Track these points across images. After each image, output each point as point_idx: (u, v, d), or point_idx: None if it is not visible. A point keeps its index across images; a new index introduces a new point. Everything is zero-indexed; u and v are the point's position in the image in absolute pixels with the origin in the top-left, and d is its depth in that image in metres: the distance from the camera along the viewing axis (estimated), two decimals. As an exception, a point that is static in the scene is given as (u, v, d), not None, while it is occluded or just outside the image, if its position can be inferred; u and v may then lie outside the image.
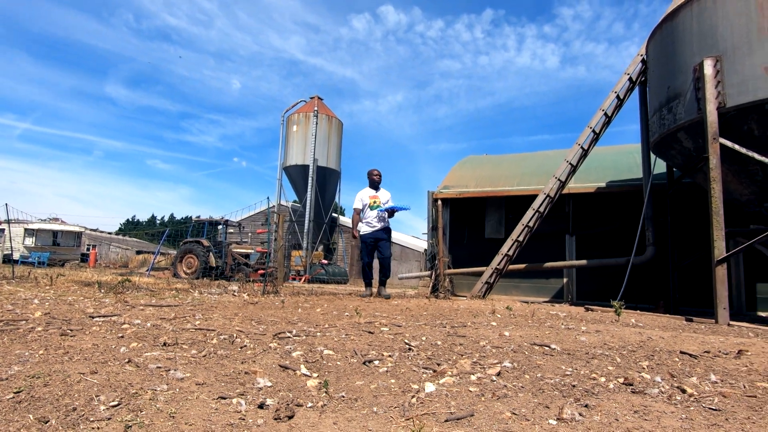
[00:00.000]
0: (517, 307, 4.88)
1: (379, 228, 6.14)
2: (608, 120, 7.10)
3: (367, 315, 3.40)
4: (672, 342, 2.44)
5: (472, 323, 3.02)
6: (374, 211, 6.17)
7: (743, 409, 1.28)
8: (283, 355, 1.88)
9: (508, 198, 9.05)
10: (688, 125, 5.19)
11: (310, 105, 23.52)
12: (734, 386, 1.59)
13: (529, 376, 1.65)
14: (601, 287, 8.25)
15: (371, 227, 6.13)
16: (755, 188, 5.14)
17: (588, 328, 2.90)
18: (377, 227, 6.15)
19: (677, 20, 5.40)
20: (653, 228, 6.90)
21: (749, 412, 1.25)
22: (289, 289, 7.11)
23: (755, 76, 4.57)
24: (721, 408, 1.27)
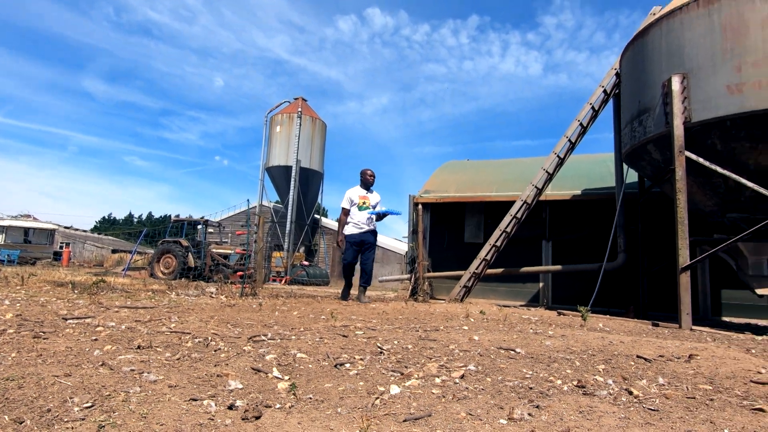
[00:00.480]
0: (491, 311, 5.01)
1: (366, 230, 5.92)
2: (584, 130, 7.33)
3: (343, 318, 3.46)
4: (631, 347, 2.57)
5: (445, 327, 3.12)
6: (363, 212, 5.94)
7: (680, 410, 1.40)
8: (256, 358, 1.94)
9: (487, 203, 9.22)
10: (656, 138, 5.42)
11: (293, 106, 23.46)
12: (678, 388, 1.72)
13: (491, 378, 1.74)
14: (575, 292, 8.48)
15: (359, 229, 5.90)
16: (718, 200, 5.39)
17: (555, 333, 3.03)
18: (365, 229, 5.92)
19: (648, 38, 5.63)
20: (624, 235, 7.15)
21: (684, 413, 1.36)
22: (268, 291, 7.11)
23: (718, 94, 4.81)
24: (659, 408, 1.39)
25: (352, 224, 5.88)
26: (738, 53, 4.73)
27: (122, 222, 69.52)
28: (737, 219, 5.37)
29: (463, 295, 7.56)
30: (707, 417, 1.32)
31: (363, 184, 6.13)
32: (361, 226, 5.90)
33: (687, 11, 5.15)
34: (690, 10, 5.12)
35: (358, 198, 5.99)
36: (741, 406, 1.48)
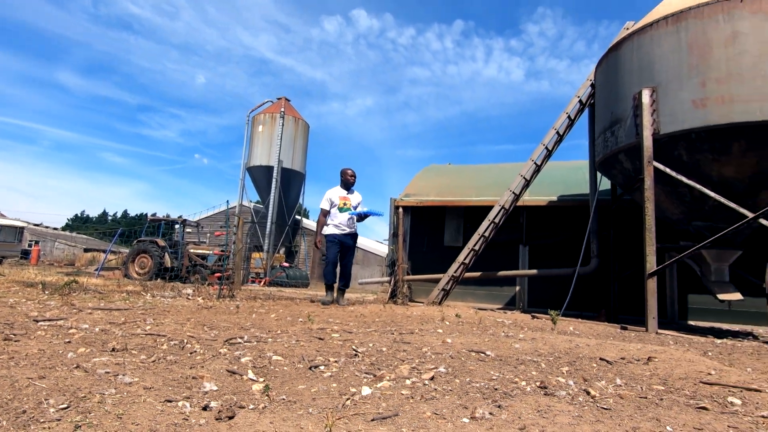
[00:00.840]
0: (467, 314, 5.12)
1: (347, 233, 5.79)
2: (560, 138, 7.54)
3: (320, 321, 3.51)
4: (596, 349, 2.70)
5: (420, 330, 3.19)
6: (344, 213, 5.79)
7: (631, 409, 1.50)
8: (232, 360, 1.97)
9: (467, 208, 9.38)
10: (627, 148, 5.64)
11: (276, 106, 23.32)
12: (633, 388, 1.83)
13: (459, 380, 1.82)
14: (550, 295, 8.70)
15: (339, 230, 5.75)
16: (684, 208, 5.64)
17: (525, 336, 3.13)
18: (346, 231, 5.79)
19: (621, 51, 5.86)
20: (597, 241, 7.38)
21: (634, 411, 1.47)
22: (246, 293, 7.08)
23: (684, 108, 5.04)
24: (612, 407, 1.49)
25: (332, 225, 5.75)
26: (703, 70, 4.96)
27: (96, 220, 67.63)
28: (701, 227, 5.62)
29: (442, 298, 7.67)
30: (654, 415, 1.42)
31: (343, 184, 5.96)
32: (342, 227, 5.77)
33: (657, 28, 5.38)
34: (660, 27, 5.36)
35: (338, 199, 5.82)
36: (687, 405, 1.60)
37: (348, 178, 5.98)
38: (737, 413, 1.51)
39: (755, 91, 4.69)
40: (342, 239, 5.74)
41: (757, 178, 5.01)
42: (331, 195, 5.85)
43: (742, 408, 1.58)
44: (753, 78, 4.72)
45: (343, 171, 6.04)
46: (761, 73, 4.70)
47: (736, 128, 4.76)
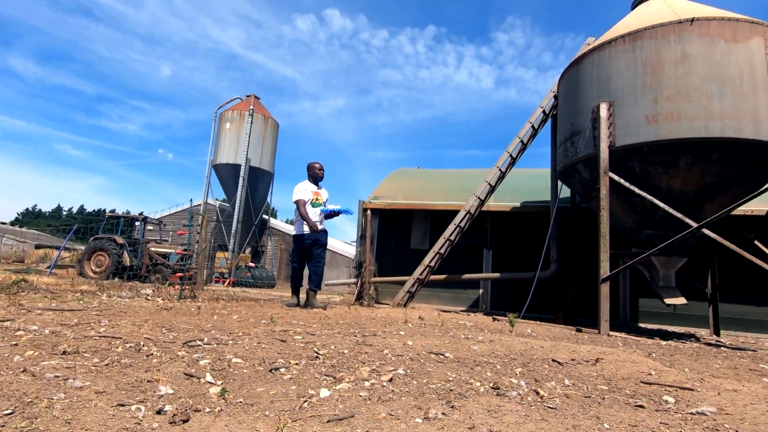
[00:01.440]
0: (431, 316, 5.21)
1: (320, 229, 5.55)
2: (524, 146, 7.80)
3: (283, 323, 3.49)
4: (549, 351, 2.82)
5: (383, 332, 3.24)
6: (316, 209, 5.54)
7: (575, 407, 1.59)
8: (190, 363, 1.95)
9: (434, 212, 9.53)
10: (586, 159, 5.90)
11: (245, 103, 22.90)
12: (579, 388, 1.93)
13: (417, 382, 1.87)
14: (512, 298, 8.96)
15: (311, 228, 5.43)
16: (636, 217, 5.95)
17: (484, 338, 3.24)
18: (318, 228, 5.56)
19: (582, 66, 6.13)
20: (557, 246, 7.67)
21: (578, 410, 1.56)
22: (209, 293, 6.92)
23: (638, 122, 5.34)
24: (557, 407, 1.58)
25: (303, 222, 5.45)
26: (655, 87, 5.27)
27: (49, 215, 64.09)
28: (651, 235, 5.96)
29: (407, 300, 7.76)
30: (595, 413, 1.52)
31: (312, 178, 5.70)
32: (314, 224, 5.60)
33: (615, 45, 5.67)
34: (617, 45, 5.65)
35: (310, 193, 5.55)
36: (626, 403, 1.71)
37: (317, 172, 5.72)
38: (670, 411, 1.63)
39: (701, 110, 5.02)
40: (315, 237, 5.51)
41: (701, 192, 5.36)
42: (304, 187, 5.55)
43: (674, 406, 1.71)
44: (699, 98, 5.05)
45: (311, 165, 5.77)
46: (706, 94, 5.04)
47: (683, 143, 5.08)
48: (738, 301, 7.81)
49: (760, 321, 7.79)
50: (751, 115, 4.94)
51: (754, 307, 7.83)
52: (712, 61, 5.09)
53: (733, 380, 2.35)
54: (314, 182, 5.70)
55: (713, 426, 1.46)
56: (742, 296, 7.82)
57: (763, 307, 7.80)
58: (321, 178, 5.76)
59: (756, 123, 4.93)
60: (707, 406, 1.67)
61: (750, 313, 7.86)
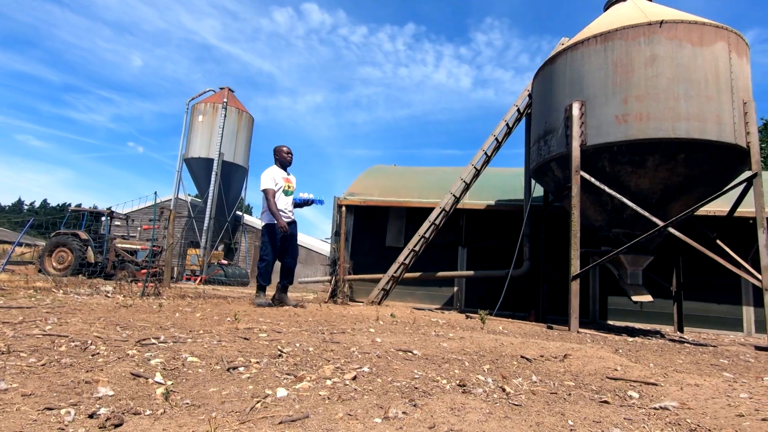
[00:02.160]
0: (403, 314, 5.16)
1: (291, 219, 5.11)
2: (498, 145, 7.84)
3: (250, 321, 3.37)
4: (519, 348, 2.80)
5: (352, 330, 3.16)
6: (289, 197, 5.10)
7: (540, 404, 1.56)
8: (140, 362, 1.82)
9: (409, 209, 9.50)
10: (558, 157, 5.96)
11: (219, 95, 22.36)
12: (546, 385, 1.90)
13: (382, 380, 1.80)
14: (486, 296, 9.02)
15: (284, 216, 5.00)
16: (606, 216, 6.06)
17: (455, 335, 3.20)
18: (290, 218, 5.10)
19: (555, 65, 6.19)
20: (530, 244, 7.75)
21: (543, 407, 1.52)
22: (176, 291, 6.68)
23: (608, 122, 5.42)
24: (523, 404, 1.53)
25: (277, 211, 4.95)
26: (625, 88, 5.36)
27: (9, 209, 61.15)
28: (620, 234, 6.08)
29: (381, 298, 7.70)
30: (560, 410, 1.49)
31: (280, 164, 5.19)
32: (287, 214, 5.07)
33: (587, 45, 5.75)
34: (590, 45, 5.72)
35: (282, 180, 5.06)
36: (592, 399, 1.69)
37: (284, 155, 5.21)
38: (633, 406, 1.61)
39: (668, 111, 5.13)
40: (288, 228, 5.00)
41: (667, 191, 5.49)
42: (274, 174, 5.02)
43: (638, 401, 1.70)
44: (666, 98, 5.16)
45: (278, 149, 5.22)
46: (673, 95, 5.16)
47: (651, 143, 5.19)
48: (701, 298, 8.08)
49: (721, 318, 8.07)
50: (716, 117, 5.09)
51: (716, 304, 8.11)
52: (679, 63, 5.21)
53: (695, 375, 2.37)
54: (283, 168, 5.21)
55: (675, 420, 1.45)
56: (705, 294, 8.09)
57: (724, 305, 8.09)
58: (290, 163, 5.28)
59: (720, 125, 5.07)
60: (670, 401, 1.66)
61: (712, 311, 8.14)
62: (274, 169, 5.12)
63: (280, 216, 4.85)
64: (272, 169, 5.12)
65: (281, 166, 5.20)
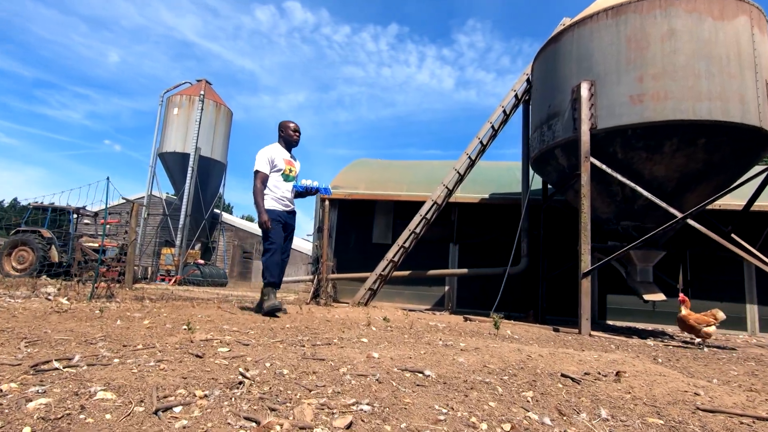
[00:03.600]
0: (396, 317, 4.55)
1: (291, 209, 4.24)
2: (495, 133, 7.31)
3: (211, 329, 2.70)
4: (551, 362, 2.22)
5: (340, 339, 2.53)
6: (289, 184, 4.21)
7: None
8: (10, 405, 1.16)
9: (397, 203, 8.90)
10: (564, 143, 5.44)
11: (195, 88, 21.36)
12: (626, 425, 1.31)
13: (391, 426, 1.18)
14: (479, 295, 8.48)
15: (282, 205, 4.11)
16: (614, 207, 5.57)
17: (467, 345, 2.60)
18: (290, 208, 4.22)
19: (560, 43, 5.67)
20: (528, 240, 7.24)
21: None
22: (138, 292, 5.92)
23: (621, 102, 4.92)
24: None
25: (273, 198, 4.09)
26: (640, 65, 4.87)
27: (-26, 208, 58.29)
28: (630, 227, 5.59)
29: (368, 299, 7.08)
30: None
31: (285, 142, 4.27)
32: (286, 203, 4.16)
33: (597, 20, 5.24)
34: (599, 20, 5.21)
35: (282, 162, 4.14)
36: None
37: (290, 133, 4.27)
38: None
39: (688, 90, 4.65)
40: (287, 219, 4.15)
41: (684, 179, 5.02)
42: (272, 154, 4.12)
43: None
44: (686, 76, 4.68)
45: (284, 124, 4.29)
46: (693, 72, 4.68)
47: (669, 126, 4.70)
48: (702, 296, 7.70)
49: (737, 318, 7.71)
50: (739, 97, 4.63)
51: (718, 302, 7.74)
52: (699, 38, 4.74)
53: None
54: (287, 147, 4.29)
55: None
56: (707, 292, 7.72)
57: (726, 303, 7.73)
58: (296, 143, 4.33)
59: (744, 105, 4.62)
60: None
61: (727, 311, 7.73)
62: (275, 147, 4.19)
63: (262, 209, 3.92)
64: (273, 147, 4.18)
65: (285, 146, 4.28)
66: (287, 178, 4.20)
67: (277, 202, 4.10)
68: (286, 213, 4.16)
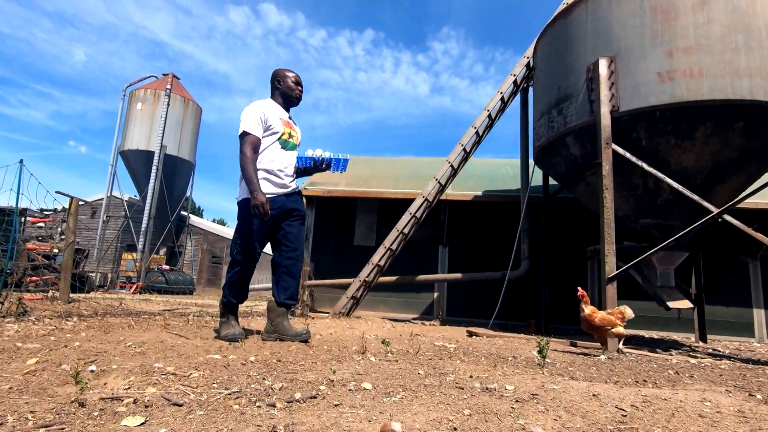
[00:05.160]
0: (393, 335, 3.72)
1: (292, 190, 3.03)
2: (491, 123, 6.60)
3: (134, 370, 1.80)
4: (664, 421, 1.43)
5: (329, 384, 1.68)
6: (289, 154, 3.01)
7: None
8: None
9: (381, 201, 8.08)
10: (578, 129, 4.76)
11: (162, 82, 20.00)
12: None
13: None
14: (472, 303, 7.74)
15: (278, 185, 2.91)
16: (634, 203, 4.91)
17: (515, 386, 1.80)
18: (290, 188, 3.00)
19: (571, 17, 5.00)
20: (529, 241, 6.55)
21: None
22: (71, 306, 4.86)
23: (647, 81, 4.26)
24: None
25: (266, 175, 2.87)
26: (669, 38, 4.23)
27: None
28: (650, 225, 4.95)
29: (351, 308, 6.22)
30: None
31: (282, 97, 3.08)
32: (285, 180, 2.94)
33: (616, -11, 4.59)
34: (619, -12, 4.56)
35: (279, 123, 2.94)
36: None
37: (291, 85, 3.07)
38: None
39: (725, 65, 4.03)
40: (288, 202, 2.95)
41: (716, 169, 4.40)
42: (266, 111, 2.90)
43: None
44: (723, 50, 4.06)
45: (281, 73, 3.08)
46: (731, 46, 4.07)
47: (704, 108, 4.06)
48: (719, 302, 7.18)
49: (730, 323, 7.22)
50: (782, 75, 4.05)
51: (724, 307, 7.26)
52: (735, 7, 4.13)
53: None
54: (285, 106, 3.09)
55: None
56: (712, 296, 7.21)
57: (732, 308, 7.26)
58: (296, 101, 3.13)
59: (788, 84, 4.04)
60: None
61: (719, 314, 7.28)
62: (267, 103, 2.98)
63: (257, 186, 2.68)
64: (265, 102, 2.97)
65: (283, 103, 3.08)
66: (286, 145, 2.96)
67: (271, 183, 2.86)
68: (285, 197, 2.92)
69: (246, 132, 2.81)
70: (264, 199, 2.65)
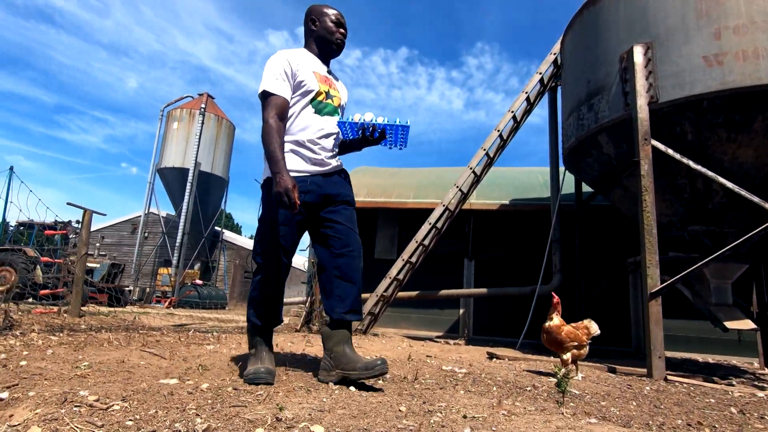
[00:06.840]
0: (402, 355, 3.31)
1: (333, 168, 2.16)
2: (516, 125, 6.14)
3: (33, 403, 1.52)
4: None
5: (268, 427, 1.32)
6: (328, 120, 2.15)
7: None
8: None
9: (403, 211, 7.72)
10: (611, 125, 4.25)
11: (197, 102, 20.70)
12: None
13: None
14: (501, 320, 7.18)
15: (312, 161, 2.08)
16: (680, 207, 4.31)
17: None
18: (329, 166, 2.14)
19: (601, 4, 4.54)
20: (560, 253, 5.98)
21: None
22: (89, 319, 4.76)
23: (692, 67, 3.73)
24: None
25: (295, 148, 2.07)
26: (716, 16, 3.69)
27: (-15, 229, 58.40)
28: (700, 232, 4.32)
29: (369, 325, 5.84)
30: None
31: (318, 44, 2.24)
32: (320, 156, 2.11)
33: (651, -32, 4.11)
34: (654, -33, 4.08)
35: (313, 78, 2.12)
36: None
37: (330, 27, 2.21)
38: None
39: (787, 45, 3.46)
40: (322, 186, 2.09)
41: (780, 166, 3.78)
42: (293, 62, 2.08)
43: None
44: (783, 27, 3.50)
45: (318, 10, 2.23)
46: (793, 22, 3.49)
47: (762, 93, 3.49)
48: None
49: None
50: None
51: None
52: (797, -22, 3.57)
53: None
54: (322, 56, 2.25)
55: None
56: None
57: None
58: (337, 51, 2.26)
59: None
60: None
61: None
62: (298, 52, 2.17)
63: (281, 165, 1.87)
64: (293, 51, 2.15)
65: (320, 52, 2.25)
66: (324, 109, 2.14)
67: (301, 157, 2.06)
68: (321, 177, 2.09)
69: (267, 92, 2.00)
70: (290, 183, 1.81)
